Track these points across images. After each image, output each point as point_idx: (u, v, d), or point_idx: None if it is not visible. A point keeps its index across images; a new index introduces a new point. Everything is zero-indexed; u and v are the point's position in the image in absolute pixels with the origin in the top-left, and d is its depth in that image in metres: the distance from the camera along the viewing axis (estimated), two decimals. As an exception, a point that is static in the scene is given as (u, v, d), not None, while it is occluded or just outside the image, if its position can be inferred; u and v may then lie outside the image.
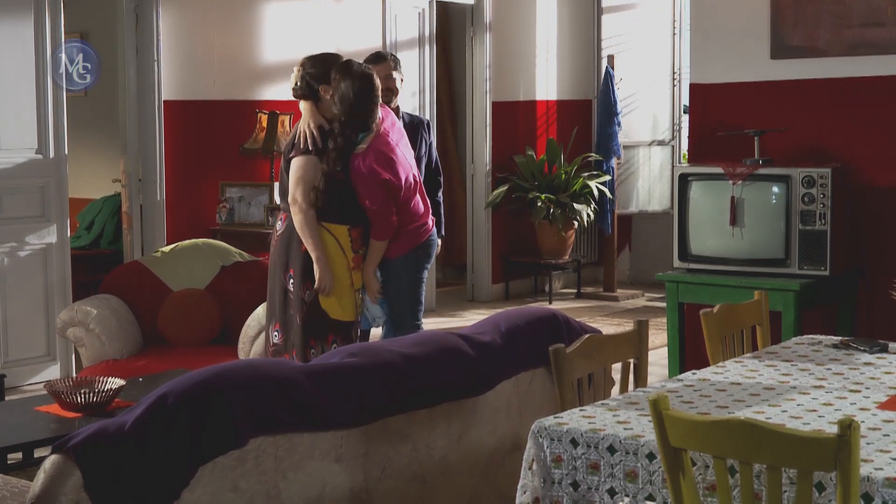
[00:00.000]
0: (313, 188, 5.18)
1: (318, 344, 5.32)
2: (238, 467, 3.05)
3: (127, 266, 6.58)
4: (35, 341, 7.17)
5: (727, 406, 3.24)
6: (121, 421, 2.96)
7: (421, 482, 3.54)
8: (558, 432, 3.03)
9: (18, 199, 7.05)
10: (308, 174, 5.20)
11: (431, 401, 3.58)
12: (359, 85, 5.24)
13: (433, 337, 3.85)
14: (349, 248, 5.32)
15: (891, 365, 3.74)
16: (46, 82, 7.09)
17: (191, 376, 3.10)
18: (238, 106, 8.18)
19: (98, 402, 4.42)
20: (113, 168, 8.65)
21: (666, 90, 10.87)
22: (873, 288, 5.90)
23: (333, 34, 8.70)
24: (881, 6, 5.85)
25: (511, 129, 10.34)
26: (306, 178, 5.20)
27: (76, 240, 8.93)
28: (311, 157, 5.20)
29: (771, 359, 3.84)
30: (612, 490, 2.95)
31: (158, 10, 7.68)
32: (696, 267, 5.93)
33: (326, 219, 5.30)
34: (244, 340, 5.85)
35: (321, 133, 5.24)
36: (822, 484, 2.66)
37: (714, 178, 5.85)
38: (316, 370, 3.35)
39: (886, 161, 5.91)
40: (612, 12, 10.89)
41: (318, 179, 5.21)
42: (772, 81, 6.22)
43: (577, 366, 3.59)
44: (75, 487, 2.82)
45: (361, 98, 5.23)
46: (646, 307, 10.04)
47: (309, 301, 5.29)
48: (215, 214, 8.03)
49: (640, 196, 10.99)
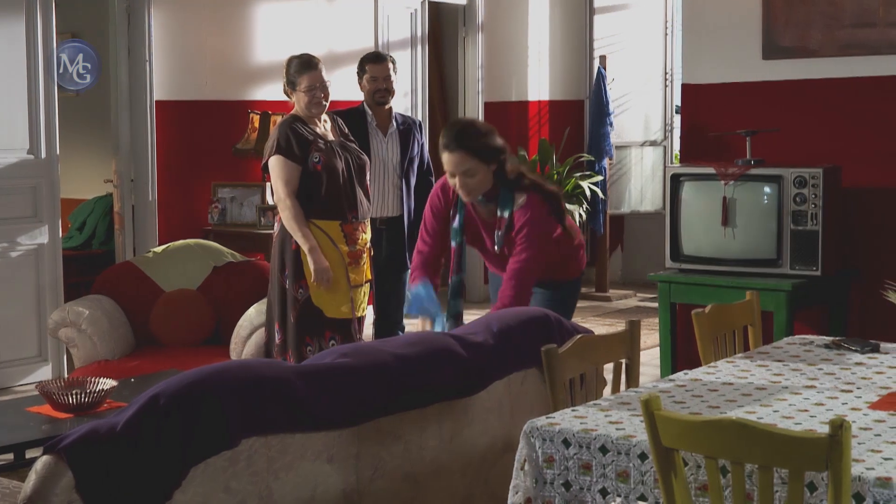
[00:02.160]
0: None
1: (314, 342, 5.33)
2: (230, 468, 3.05)
3: (119, 266, 6.57)
4: (27, 342, 7.15)
5: (719, 406, 3.24)
6: (112, 422, 2.96)
7: (413, 483, 3.54)
8: (550, 432, 3.03)
9: (10, 200, 7.04)
10: (285, 172, 5.28)
11: (423, 401, 3.58)
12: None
13: (425, 337, 3.85)
14: (342, 242, 5.33)
15: (882, 365, 3.75)
16: (38, 82, 7.08)
17: (183, 377, 3.10)
18: (230, 106, 8.17)
19: (90, 402, 4.41)
20: (105, 168, 8.63)
21: (658, 91, 10.87)
22: (865, 288, 5.91)
23: (326, 34, 8.70)
24: (873, 7, 5.86)
25: (503, 129, 10.21)
26: (283, 176, 5.28)
27: (68, 240, 8.92)
28: (281, 157, 5.28)
29: (763, 359, 3.84)
30: (604, 490, 2.96)
31: (150, 10, 7.67)
32: (687, 267, 5.93)
33: (316, 215, 5.33)
34: (236, 341, 5.84)
35: (292, 133, 5.30)
36: (814, 484, 2.66)
37: (706, 179, 5.85)
38: (308, 370, 3.35)
39: (878, 161, 5.92)
40: (604, 13, 10.89)
41: (295, 175, 5.29)
42: (763, 82, 6.23)
43: (569, 366, 3.59)
44: (67, 488, 2.82)
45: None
46: (638, 307, 10.04)
47: (301, 299, 5.31)
48: (207, 215, 8.02)
49: (632, 196, 10.99)
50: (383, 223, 6.29)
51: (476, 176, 4.61)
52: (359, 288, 5.44)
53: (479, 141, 4.61)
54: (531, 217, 4.64)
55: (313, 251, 5.25)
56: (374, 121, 6.25)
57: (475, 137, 4.61)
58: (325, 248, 5.32)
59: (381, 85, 6.26)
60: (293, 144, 5.31)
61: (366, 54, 6.44)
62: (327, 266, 5.27)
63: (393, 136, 6.30)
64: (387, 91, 6.27)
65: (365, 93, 6.34)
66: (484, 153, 4.60)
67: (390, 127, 6.30)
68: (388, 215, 6.31)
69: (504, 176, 4.67)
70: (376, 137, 6.24)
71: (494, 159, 4.63)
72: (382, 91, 6.27)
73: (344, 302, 5.36)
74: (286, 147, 5.31)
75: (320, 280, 5.26)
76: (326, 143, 5.40)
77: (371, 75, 6.27)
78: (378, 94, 6.27)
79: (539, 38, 10.49)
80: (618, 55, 10.71)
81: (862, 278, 5.94)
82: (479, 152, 4.59)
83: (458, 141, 4.61)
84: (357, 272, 5.42)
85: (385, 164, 6.27)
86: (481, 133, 4.66)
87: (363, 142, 6.12)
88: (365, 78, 6.31)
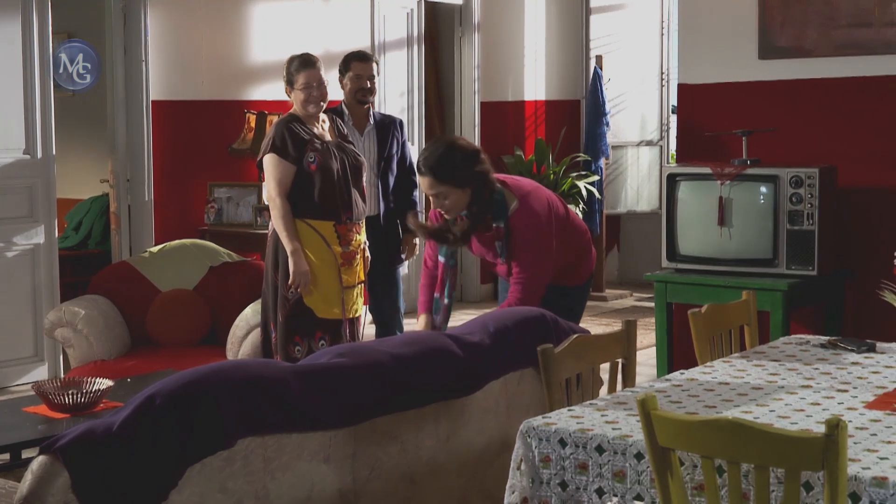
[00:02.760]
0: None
1: (304, 341, 5.33)
2: (226, 468, 3.05)
3: (115, 266, 6.56)
4: (23, 342, 7.15)
5: (715, 406, 3.24)
6: (109, 422, 2.96)
7: (409, 483, 3.54)
8: (546, 432, 3.03)
9: (6, 200, 7.04)
10: (278, 171, 5.29)
11: (420, 401, 3.58)
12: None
13: (421, 337, 3.85)
14: (335, 242, 5.33)
15: (878, 365, 3.75)
16: (34, 82, 7.07)
17: (179, 377, 3.10)
18: (226, 106, 8.16)
19: (86, 402, 4.41)
20: (101, 168, 8.63)
21: (654, 90, 10.88)
22: (861, 288, 5.91)
23: (322, 34, 8.70)
24: (868, 7, 5.87)
25: (499, 129, 10.33)
26: (276, 176, 5.29)
27: (64, 240, 8.91)
28: (275, 156, 5.27)
29: (759, 358, 3.85)
30: (600, 490, 2.96)
31: (146, 9, 7.66)
32: (684, 267, 5.94)
33: (310, 215, 5.33)
34: (232, 341, 5.84)
35: (288, 132, 5.30)
36: (810, 483, 2.67)
37: (702, 179, 5.85)
38: (304, 370, 3.35)
39: (874, 161, 5.93)
40: (600, 13, 10.89)
41: (289, 175, 5.29)
42: (760, 82, 6.23)
43: (565, 366, 3.59)
44: (63, 488, 2.82)
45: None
46: (634, 307, 10.05)
47: (292, 299, 5.31)
48: (203, 215, 8.01)
49: (629, 196, 11.00)
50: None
51: (449, 198, 4.55)
52: (351, 289, 5.44)
53: (449, 167, 4.52)
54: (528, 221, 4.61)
55: (295, 253, 5.26)
56: (350, 120, 6.21)
57: (447, 164, 4.52)
58: (317, 249, 5.31)
59: (365, 84, 6.24)
60: (288, 144, 5.31)
61: (351, 52, 6.41)
62: (307, 270, 5.27)
63: (369, 135, 6.26)
64: (369, 91, 6.25)
65: (346, 91, 6.27)
66: (456, 180, 4.54)
67: (367, 125, 6.27)
68: (367, 214, 6.26)
69: (484, 194, 4.58)
70: (352, 136, 6.19)
71: (468, 184, 4.55)
72: (365, 90, 6.25)
73: (335, 303, 5.36)
74: (281, 146, 5.31)
75: (298, 283, 5.26)
76: (323, 144, 5.40)
77: (356, 73, 6.24)
78: (360, 92, 6.23)
79: (535, 37, 10.49)
80: (614, 55, 10.71)
81: (858, 278, 5.94)
82: (449, 179, 4.53)
83: (427, 165, 4.55)
84: (350, 273, 5.41)
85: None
86: (455, 159, 4.54)
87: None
88: (348, 76, 6.26)
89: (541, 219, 4.65)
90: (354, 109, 6.25)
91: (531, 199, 4.67)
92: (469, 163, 4.56)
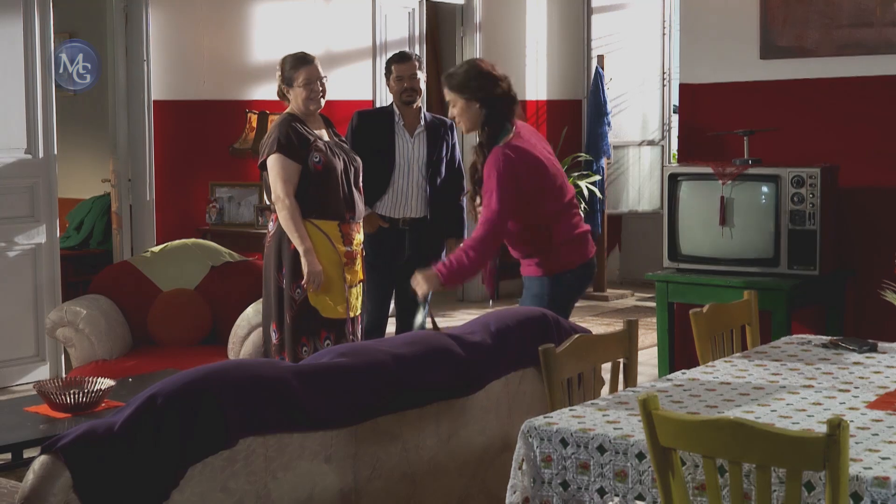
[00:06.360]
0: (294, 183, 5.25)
1: (310, 342, 5.33)
2: (228, 467, 3.05)
3: (116, 266, 6.56)
4: (24, 342, 7.15)
5: (716, 406, 3.24)
6: (110, 421, 2.96)
7: (410, 482, 3.54)
8: (548, 432, 3.03)
9: (7, 199, 7.04)
10: (284, 170, 5.26)
11: (421, 401, 3.58)
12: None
13: (423, 337, 3.85)
14: (340, 242, 5.32)
15: (880, 364, 3.75)
16: (36, 82, 7.07)
17: (180, 377, 3.10)
18: (228, 106, 8.17)
19: (87, 402, 4.41)
20: (102, 168, 8.63)
21: (655, 90, 10.88)
22: (862, 288, 5.91)
23: (323, 34, 8.70)
24: (870, 6, 5.87)
25: (501, 129, 10.32)
26: (283, 175, 5.25)
27: (65, 240, 8.92)
28: (281, 155, 5.25)
29: (760, 358, 3.84)
30: (601, 490, 2.96)
31: (148, 9, 7.67)
32: (685, 267, 5.93)
33: (316, 215, 5.31)
34: (234, 340, 5.84)
35: (292, 131, 5.29)
36: (812, 483, 2.66)
37: (704, 178, 5.85)
38: (306, 370, 3.35)
39: (875, 161, 5.92)
40: (601, 12, 10.90)
41: (295, 174, 5.27)
42: (761, 81, 6.23)
43: (566, 366, 3.59)
44: (64, 488, 2.82)
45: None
46: (635, 307, 10.05)
47: (298, 299, 5.31)
48: (205, 214, 8.02)
49: (630, 196, 11.00)
50: (406, 223, 6.16)
51: (456, 106, 4.85)
52: (353, 288, 5.44)
53: (458, 78, 4.84)
54: (494, 160, 4.72)
55: (308, 253, 5.23)
56: (401, 120, 6.20)
57: (458, 74, 4.86)
58: (323, 249, 5.30)
59: (407, 84, 6.21)
60: (294, 142, 5.28)
61: (392, 55, 6.40)
62: (320, 269, 5.25)
63: (420, 137, 6.23)
64: (413, 90, 6.22)
65: (393, 93, 6.29)
66: (461, 90, 4.82)
67: (418, 127, 6.25)
68: (412, 216, 6.19)
69: (494, 116, 4.80)
70: (402, 137, 6.17)
71: (473, 97, 4.79)
72: (409, 90, 6.22)
73: (340, 302, 5.36)
74: (287, 145, 5.27)
75: (312, 283, 5.25)
76: (325, 143, 5.39)
77: (397, 75, 6.21)
78: (405, 93, 6.21)
79: (537, 37, 10.49)
80: (615, 55, 10.71)
81: (859, 278, 5.94)
82: (454, 87, 4.84)
83: (445, 73, 4.96)
84: (352, 272, 5.41)
85: (410, 164, 6.18)
86: (469, 73, 4.85)
87: (388, 141, 6.11)
88: (391, 78, 6.25)
89: (504, 163, 4.71)
90: (404, 111, 6.22)
91: (511, 142, 4.76)
92: (480, 80, 4.83)
